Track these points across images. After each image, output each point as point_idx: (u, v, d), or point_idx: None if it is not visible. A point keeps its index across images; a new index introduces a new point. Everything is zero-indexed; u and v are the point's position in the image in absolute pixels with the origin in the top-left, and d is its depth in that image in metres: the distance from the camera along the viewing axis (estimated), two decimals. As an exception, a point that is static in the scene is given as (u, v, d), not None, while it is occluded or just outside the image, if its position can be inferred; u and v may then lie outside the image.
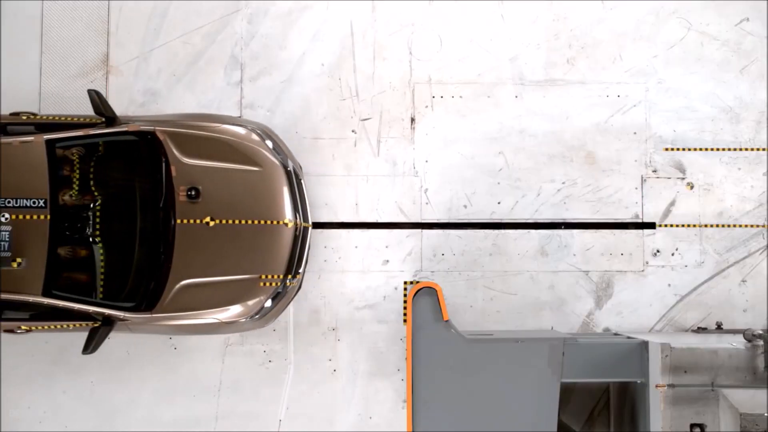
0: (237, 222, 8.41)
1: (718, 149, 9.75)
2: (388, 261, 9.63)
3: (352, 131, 9.76)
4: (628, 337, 8.45)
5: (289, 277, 8.59)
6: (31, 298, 8.05)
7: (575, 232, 9.64)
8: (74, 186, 8.47)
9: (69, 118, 8.53)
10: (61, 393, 9.60)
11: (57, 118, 8.55)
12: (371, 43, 9.86)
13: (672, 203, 9.71)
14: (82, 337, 9.49)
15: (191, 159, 8.43)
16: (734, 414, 7.88)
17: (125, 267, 8.48)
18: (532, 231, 9.68)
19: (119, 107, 9.74)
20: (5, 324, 8.36)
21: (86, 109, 9.78)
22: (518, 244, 9.64)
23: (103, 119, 8.48)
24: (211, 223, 8.34)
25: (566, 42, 9.86)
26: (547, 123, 9.75)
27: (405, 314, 9.52)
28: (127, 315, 8.30)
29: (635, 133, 9.73)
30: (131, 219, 8.50)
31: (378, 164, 9.73)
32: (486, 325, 9.56)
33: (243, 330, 8.84)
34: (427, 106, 9.77)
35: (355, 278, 9.42)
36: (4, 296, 8.01)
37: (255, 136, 8.68)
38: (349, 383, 9.59)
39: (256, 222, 8.45)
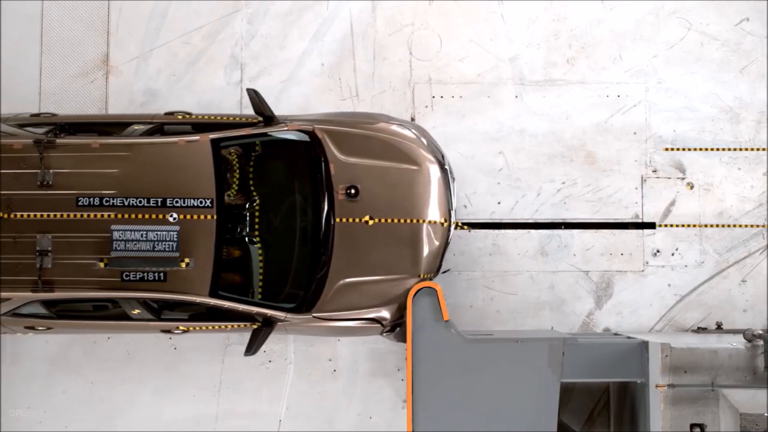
0: (395, 221, 8.28)
1: (718, 149, 9.75)
2: (388, 261, 9.62)
3: (352, 131, 9.75)
4: (628, 337, 8.45)
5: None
6: (198, 299, 7.93)
7: (575, 232, 9.64)
8: (234, 186, 8.38)
9: (223, 118, 8.47)
10: (61, 393, 9.60)
11: (210, 117, 8.48)
12: (371, 43, 9.86)
13: (672, 203, 9.71)
14: (81, 337, 9.51)
15: (350, 157, 8.30)
16: (734, 414, 7.88)
17: (283, 267, 8.37)
18: (532, 231, 9.68)
19: (119, 107, 9.75)
20: (163, 324, 8.27)
21: (88, 108, 9.80)
22: (518, 244, 9.64)
23: (261, 119, 8.39)
24: (371, 222, 8.21)
25: (566, 42, 9.86)
26: (547, 123, 9.75)
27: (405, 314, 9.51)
28: (288, 316, 8.18)
29: (635, 133, 9.73)
30: (289, 219, 8.41)
31: (378, 164, 9.73)
32: (486, 325, 9.56)
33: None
34: (427, 106, 9.77)
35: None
36: (172, 297, 7.92)
37: (411, 134, 8.55)
38: (349, 383, 9.59)
39: (413, 221, 8.31)
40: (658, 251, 9.64)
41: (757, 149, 9.74)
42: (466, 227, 8.92)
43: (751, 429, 7.88)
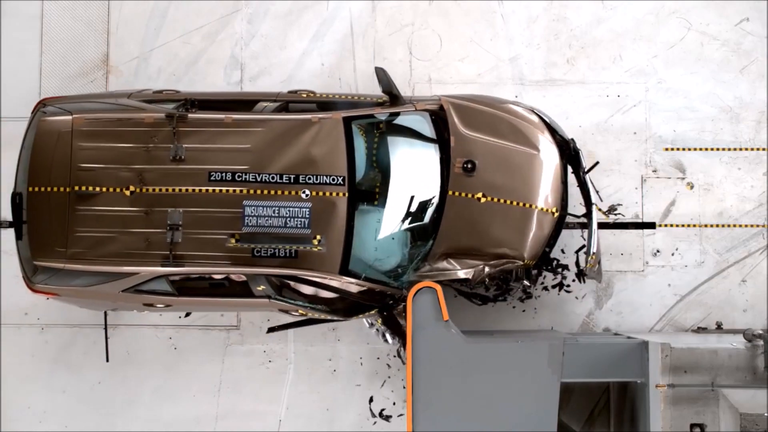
0: (507, 202, 8.24)
1: (718, 149, 9.75)
2: (388, 261, 9.62)
3: (352, 131, 9.74)
4: (628, 337, 8.44)
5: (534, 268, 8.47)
6: (328, 276, 7.92)
7: (575, 232, 9.63)
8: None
9: (348, 96, 8.49)
10: (61, 393, 9.60)
11: (335, 96, 8.50)
12: (371, 43, 9.86)
13: (672, 203, 9.71)
14: (81, 337, 9.52)
15: (471, 132, 8.28)
16: (734, 414, 7.87)
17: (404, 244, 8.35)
18: (532, 231, 9.66)
19: (119, 107, 9.76)
20: (283, 305, 8.23)
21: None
22: (518, 244, 9.62)
23: (388, 98, 8.40)
24: (483, 200, 8.18)
25: (566, 42, 9.86)
26: (547, 123, 9.74)
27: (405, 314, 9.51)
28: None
29: (635, 133, 9.72)
30: (410, 195, 8.31)
31: (378, 164, 9.73)
32: (486, 325, 9.56)
33: None
34: (427, 106, 9.76)
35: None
36: (304, 274, 7.91)
37: (536, 119, 8.54)
38: (349, 383, 9.60)
39: (525, 205, 8.27)
40: (658, 251, 9.64)
41: (757, 149, 9.74)
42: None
43: (751, 429, 7.88)
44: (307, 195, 7.88)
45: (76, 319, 9.59)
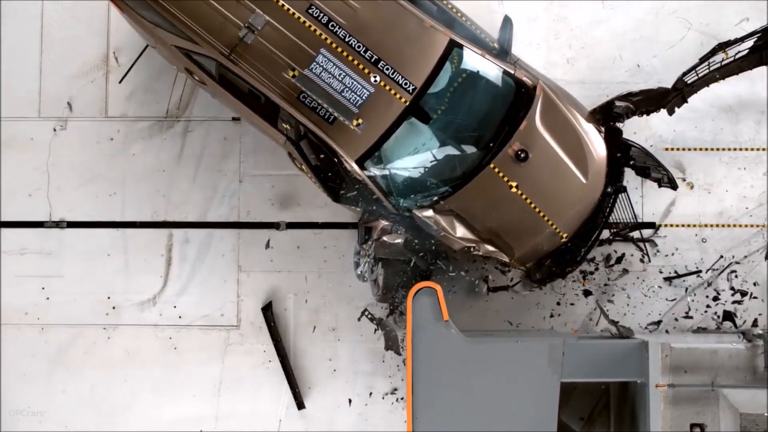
0: (532, 205, 8.32)
1: (718, 149, 9.75)
2: (388, 261, 9.62)
3: (352, 131, 9.74)
4: (628, 337, 8.44)
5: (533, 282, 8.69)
6: (346, 158, 8.05)
7: (575, 232, 9.63)
8: None
9: (466, 22, 8.51)
10: (61, 393, 9.61)
11: (457, 12, 8.53)
12: (371, 43, 9.85)
13: (672, 203, 9.71)
14: (81, 337, 9.52)
15: (543, 127, 8.32)
16: (734, 414, 7.88)
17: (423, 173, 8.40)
18: (532, 231, 9.66)
19: (119, 107, 9.74)
20: (292, 150, 8.33)
21: (88, 109, 9.78)
22: (518, 244, 9.63)
23: (497, 49, 8.47)
24: (514, 190, 8.27)
25: (566, 42, 9.86)
26: (547, 123, 9.73)
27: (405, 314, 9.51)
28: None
29: (635, 133, 9.71)
30: (456, 144, 8.38)
31: (378, 164, 9.72)
32: (486, 325, 9.56)
33: None
34: (427, 106, 9.75)
35: (355, 278, 9.40)
36: (329, 140, 8.00)
37: (603, 153, 8.55)
38: (349, 383, 9.60)
39: (545, 218, 8.37)
40: (657, 251, 9.63)
41: (757, 149, 9.74)
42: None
43: (751, 429, 7.89)
44: (375, 81, 7.99)
45: (76, 319, 9.61)
